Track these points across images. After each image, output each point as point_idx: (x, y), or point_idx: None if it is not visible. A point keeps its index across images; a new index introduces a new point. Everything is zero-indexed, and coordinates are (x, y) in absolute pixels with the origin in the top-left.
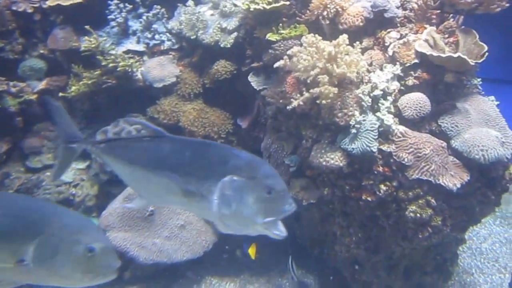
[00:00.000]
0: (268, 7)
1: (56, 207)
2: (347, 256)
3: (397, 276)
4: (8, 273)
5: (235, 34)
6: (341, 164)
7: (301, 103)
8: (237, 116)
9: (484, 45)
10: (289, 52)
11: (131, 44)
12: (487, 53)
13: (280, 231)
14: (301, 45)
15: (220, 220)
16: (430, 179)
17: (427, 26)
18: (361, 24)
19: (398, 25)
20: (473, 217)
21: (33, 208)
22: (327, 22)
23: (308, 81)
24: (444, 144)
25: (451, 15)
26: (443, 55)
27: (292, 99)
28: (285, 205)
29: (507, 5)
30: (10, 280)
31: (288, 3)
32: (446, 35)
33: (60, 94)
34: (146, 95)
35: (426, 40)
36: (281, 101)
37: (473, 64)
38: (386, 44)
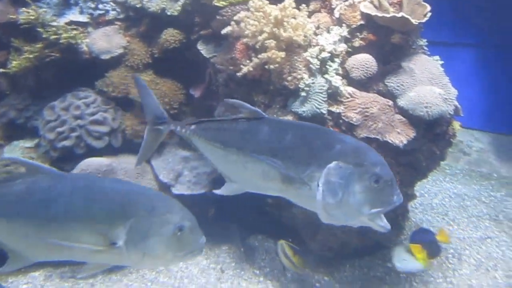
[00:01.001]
0: None
1: (144, 188)
2: (303, 217)
3: (352, 233)
4: (100, 256)
5: (182, 1)
6: None
7: (250, 69)
8: (189, 86)
9: (427, 5)
10: (236, 17)
11: (73, 15)
12: (430, 13)
13: (385, 224)
14: (248, 9)
15: (324, 209)
16: (377, 137)
17: None
18: None
19: None
20: (421, 172)
21: (122, 191)
22: None
23: (257, 47)
24: (391, 102)
25: None
26: (387, 15)
27: (242, 66)
28: (393, 196)
29: None
30: (102, 263)
31: None
32: None
33: (1, 70)
34: (94, 68)
35: (371, 1)
36: (231, 68)
37: (416, 23)
38: (333, 7)
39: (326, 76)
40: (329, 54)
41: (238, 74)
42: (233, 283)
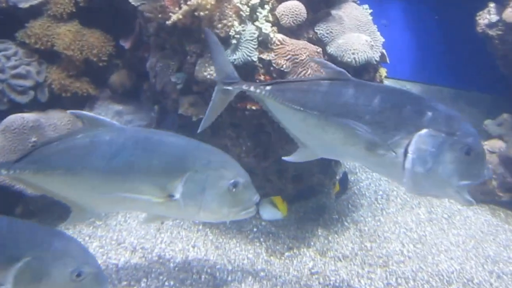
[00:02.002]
0: None
1: (200, 144)
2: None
3: (287, 179)
4: (159, 207)
5: None
6: None
7: (180, 16)
8: (119, 37)
9: None
10: None
11: None
12: None
13: (470, 199)
14: None
15: (411, 178)
16: None
17: None
18: None
19: None
20: None
21: (180, 145)
22: None
23: None
24: (320, 49)
25: None
26: None
27: (171, 14)
28: (483, 169)
29: None
30: (161, 215)
31: None
32: None
33: None
34: (12, 17)
35: None
36: (160, 16)
37: None
38: None
39: (256, 23)
40: (259, 1)
41: (168, 22)
42: (172, 232)
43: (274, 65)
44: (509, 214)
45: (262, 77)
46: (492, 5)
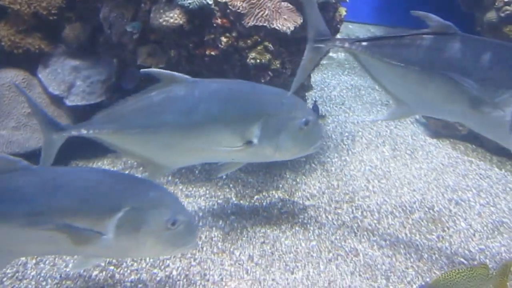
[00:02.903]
0: None
1: (269, 88)
2: None
3: None
4: (236, 154)
5: None
6: (181, 22)
7: None
8: None
9: None
10: None
11: None
12: None
13: None
14: None
15: None
16: (265, 24)
17: None
18: None
19: None
20: None
21: (252, 92)
22: None
23: None
24: None
25: None
26: None
27: None
28: None
29: None
30: (236, 162)
31: None
32: None
33: None
34: None
35: None
36: None
37: None
38: None
39: None
40: None
41: None
42: None
43: (230, 7)
44: (468, 147)
45: (219, 21)
46: None
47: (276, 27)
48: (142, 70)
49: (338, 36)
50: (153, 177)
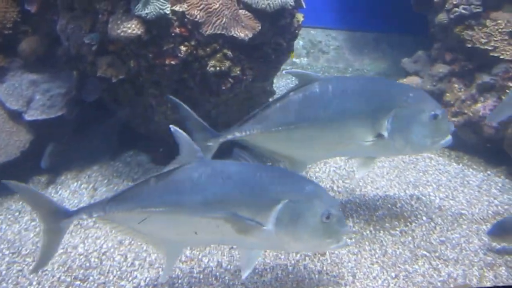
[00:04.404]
0: None
1: (398, 83)
2: (167, 122)
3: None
4: (368, 148)
5: None
6: (139, 32)
7: None
8: (23, 1)
9: None
10: None
11: None
12: None
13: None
14: None
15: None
16: (223, 32)
17: None
18: None
19: None
20: (271, 65)
21: (381, 87)
22: None
23: None
24: None
25: None
26: None
27: None
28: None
29: None
30: (370, 156)
31: None
32: None
33: None
34: None
35: None
36: None
37: None
38: None
39: None
40: None
41: None
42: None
43: (188, 16)
44: None
45: (177, 30)
46: None
47: (234, 35)
48: (285, 71)
49: (301, 42)
50: (297, 171)
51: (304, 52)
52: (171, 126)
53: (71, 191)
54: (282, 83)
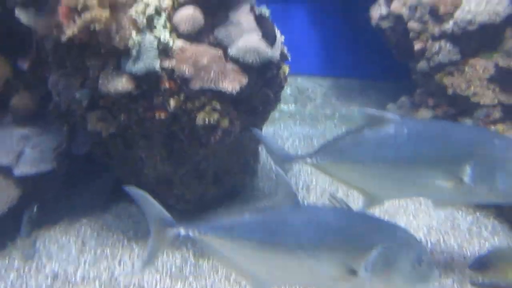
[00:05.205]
0: None
1: (479, 127)
2: (156, 175)
3: (208, 183)
4: (449, 193)
5: None
6: (129, 88)
7: (75, 31)
8: (16, 58)
9: None
10: None
11: None
12: None
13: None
14: None
15: None
16: (211, 86)
17: None
18: None
19: None
20: (259, 116)
21: (463, 131)
22: None
23: (79, 8)
24: (220, 52)
25: None
26: None
27: (66, 29)
28: None
29: None
30: (449, 200)
31: None
32: None
33: None
34: None
35: None
36: (56, 33)
37: None
38: None
39: (154, 32)
40: (155, 10)
41: (63, 39)
42: (96, 252)
43: (177, 71)
44: None
45: (166, 85)
46: None
47: (222, 89)
48: (362, 111)
49: (288, 90)
50: (367, 206)
51: (292, 99)
52: (274, 166)
53: (60, 246)
54: (270, 130)
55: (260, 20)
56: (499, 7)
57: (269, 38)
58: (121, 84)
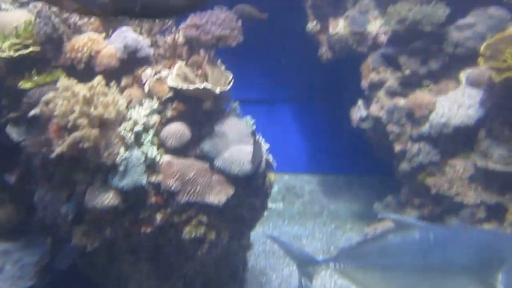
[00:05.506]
0: (15, 54)
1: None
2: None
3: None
4: None
5: None
6: (115, 203)
7: (64, 149)
8: (3, 172)
9: (229, 74)
10: (44, 98)
11: None
12: (232, 81)
13: None
14: (57, 90)
15: None
16: (197, 200)
17: (178, 61)
18: (116, 64)
19: (154, 62)
20: (246, 224)
21: (492, 238)
22: (82, 65)
23: (69, 126)
24: (207, 165)
25: (201, 49)
26: (191, 88)
27: (56, 147)
28: None
29: (242, 38)
30: None
31: (38, 49)
32: (195, 68)
33: None
34: None
35: (178, 75)
36: (45, 149)
37: (219, 92)
38: (143, 82)
39: (142, 148)
40: (143, 127)
41: (52, 156)
42: None
43: (163, 186)
44: None
45: (153, 199)
46: (360, 102)
47: (208, 202)
48: (382, 215)
49: (275, 188)
50: None
51: (279, 197)
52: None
53: None
54: (259, 230)
55: (244, 131)
56: (470, 111)
57: (255, 148)
58: (108, 199)
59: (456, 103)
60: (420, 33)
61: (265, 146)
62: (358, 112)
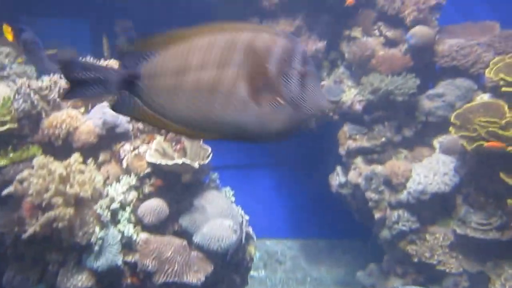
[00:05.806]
0: None
1: None
2: None
3: None
4: None
5: None
6: (89, 285)
7: (37, 229)
8: None
9: (208, 148)
10: (18, 177)
11: None
12: (211, 155)
13: None
14: (33, 167)
15: None
16: (175, 280)
17: (157, 136)
18: (94, 141)
19: (132, 137)
20: None
21: None
22: (60, 142)
23: (44, 205)
24: (185, 242)
25: None
26: (170, 163)
27: (28, 226)
28: None
29: None
30: None
31: (15, 126)
32: (174, 143)
33: None
34: None
35: (156, 150)
36: (16, 229)
37: (198, 167)
38: (122, 157)
39: (118, 226)
40: (119, 204)
41: (24, 236)
42: None
43: (140, 266)
44: None
45: (128, 280)
46: (339, 168)
47: (186, 282)
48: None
49: (257, 254)
50: None
51: (261, 264)
52: None
53: None
54: None
55: (223, 204)
56: (446, 178)
57: (234, 223)
58: (82, 281)
59: (431, 170)
60: (393, 102)
61: (245, 217)
62: (337, 178)
